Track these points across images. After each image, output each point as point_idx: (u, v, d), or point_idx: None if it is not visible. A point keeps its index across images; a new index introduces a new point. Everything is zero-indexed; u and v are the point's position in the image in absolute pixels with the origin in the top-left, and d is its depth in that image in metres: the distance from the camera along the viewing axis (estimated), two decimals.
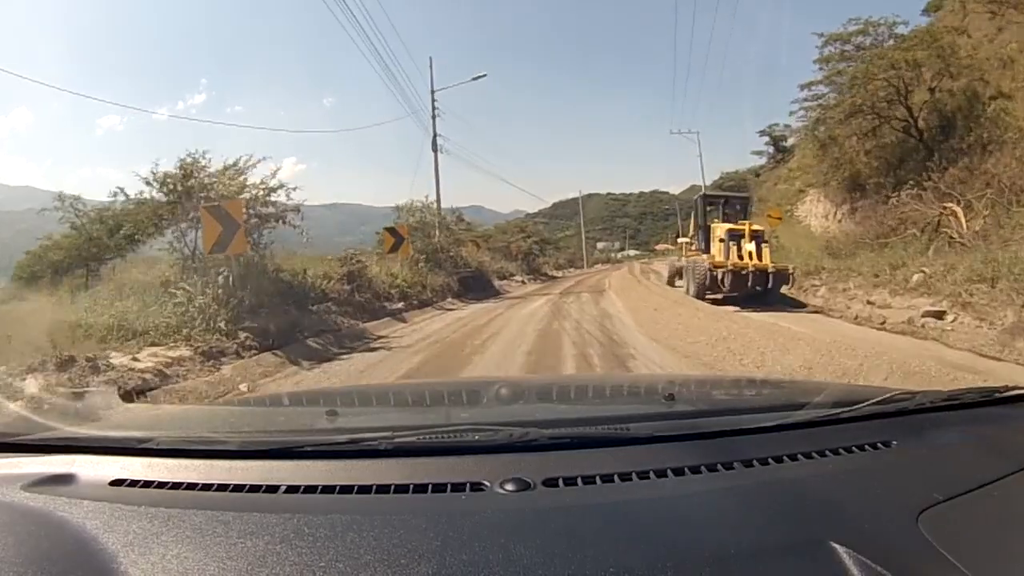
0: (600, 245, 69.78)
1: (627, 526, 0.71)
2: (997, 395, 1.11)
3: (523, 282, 23.67)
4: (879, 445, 0.91)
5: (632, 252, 70.01)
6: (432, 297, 12.82)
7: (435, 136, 17.51)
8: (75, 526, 0.72)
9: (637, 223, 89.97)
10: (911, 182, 11.67)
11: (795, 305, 9.24)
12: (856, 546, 0.64)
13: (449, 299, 13.56)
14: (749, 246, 10.05)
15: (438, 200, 17.01)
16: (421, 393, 1.56)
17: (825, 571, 0.62)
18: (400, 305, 10.53)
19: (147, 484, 0.82)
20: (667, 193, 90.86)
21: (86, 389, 4.28)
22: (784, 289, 9.67)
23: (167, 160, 8.66)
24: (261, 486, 0.80)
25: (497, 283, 19.75)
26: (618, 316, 8.75)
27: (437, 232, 15.88)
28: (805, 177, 21.86)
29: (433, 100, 17.67)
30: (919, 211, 10.93)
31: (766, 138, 30.31)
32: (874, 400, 1.02)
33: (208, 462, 0.87)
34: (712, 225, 11.53)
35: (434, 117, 17.72)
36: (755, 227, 10.50)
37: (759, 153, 30.80)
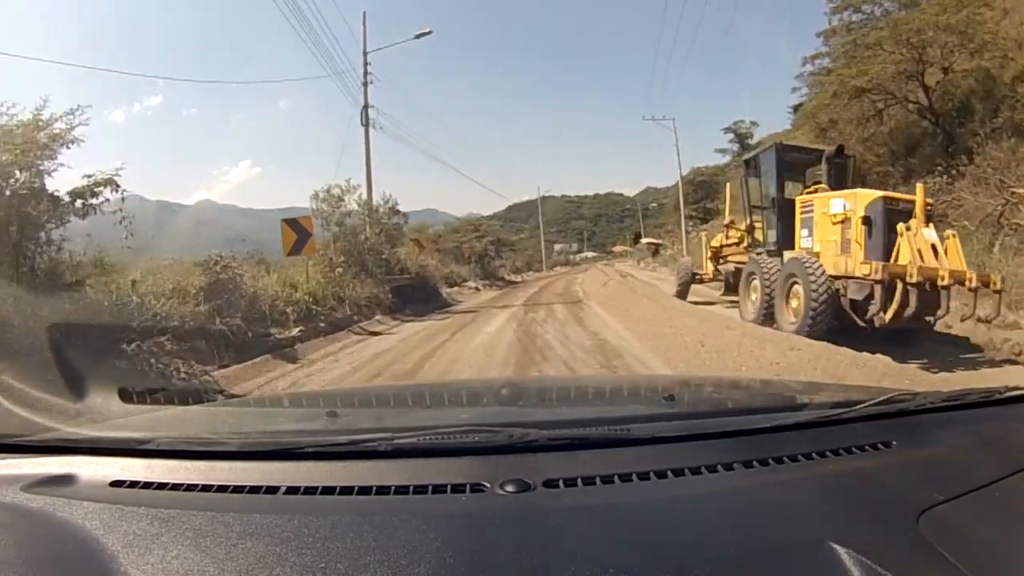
0: (558, 247, 72.46)
1: (627, 527, 0.76)
2: (997, 396, 1.20)
3: (477, 289, 21.72)
4: (879, 446, 1.00)
5: (590, 254, 73.85)
6: (352, 315, 10.44)
7: (366, 106, 15.21)
8: (75, 527, 0.77)
9: (592, 225, 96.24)
10: (938, 170, 10.69)
11: (963, 347, 5.90)
12: (856, 547, 0.68)
13: (378, 316, 11.22)
14: (928, 234, 5.66)
15: (368, 186, 14.64)
16: (421, 394, 1.60)
17: (825, 572, 0.67)
18: (296, 332, 8.72)
19: (147, 485, 0.88)
20: (622, 195, 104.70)
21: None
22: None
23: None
24: (261, 487, 0.86)
25: (445, 291, 17.96)
26: (635, 353, 6.16)
27: (367, 228, 13.58)
28: None
29: (365, 63, 15.38)
30: (969, 200, 9.48)
31: (731, 135, 32.31)
32: (874, 401, 1.12)
33: (208, 463, 0.93)
34: (809, 196, 7.17)
35: (366, 84, 15.28)
36: (929, 200, 6.36)
37: (723, 151, 33.06)
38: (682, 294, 10.47)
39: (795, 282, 6.27)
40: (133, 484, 0.88)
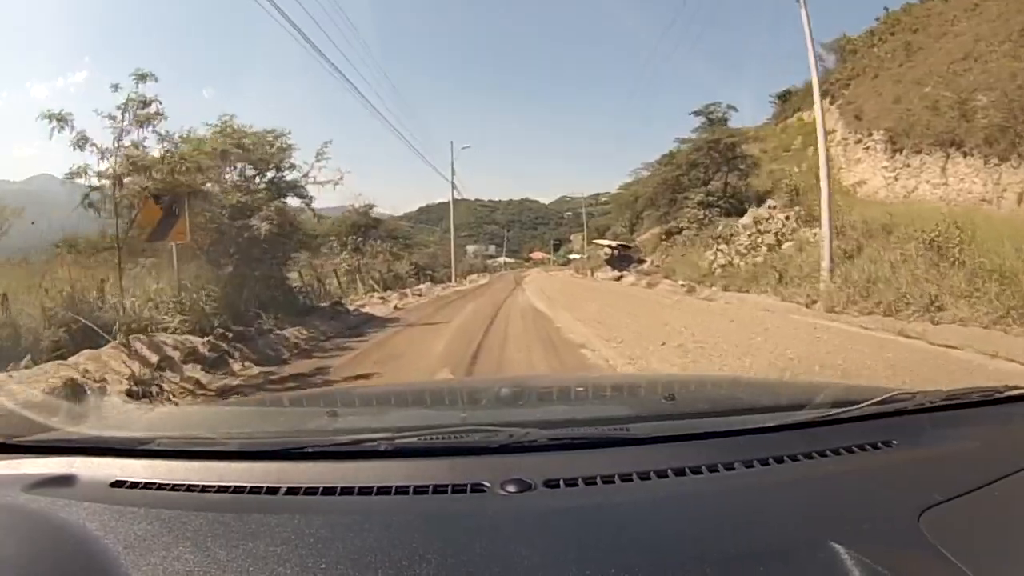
0: (471, 248, 68.64)
1: (628, 527, 0.78)
2: (997, 395, 1.21)
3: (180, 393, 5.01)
4: (880, 445, 1.01)
5: (508, 260, 73.51)
6: None
7: None
8: (75, 528, 0.78)
9: (506, 231, 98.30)
10: None
11: None
12: (857, 546, 0.70)
13: None
14: None
15: None
16: (422, 394, 1.61)
17: (826, 572, 0.68)
18: None
19: (147, 485, 0.89)
20: (537, 202, 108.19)
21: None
22: None
23: None
24: (262, 487, 0.87)
25: None
26: None
27: None
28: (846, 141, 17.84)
29: None
30: None
31: (702, 119, 25.78)
32: (874, 400, 1.13)
33: (208, 463, 0.94)
34: None
35: None
36: None
37: (684, 141, 26.39)
38: None
39: None
40: (134, 485, 0.89)
